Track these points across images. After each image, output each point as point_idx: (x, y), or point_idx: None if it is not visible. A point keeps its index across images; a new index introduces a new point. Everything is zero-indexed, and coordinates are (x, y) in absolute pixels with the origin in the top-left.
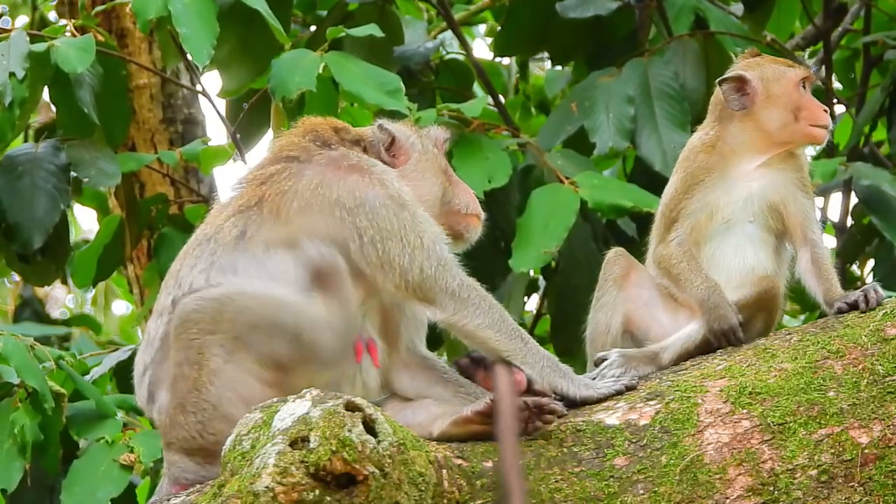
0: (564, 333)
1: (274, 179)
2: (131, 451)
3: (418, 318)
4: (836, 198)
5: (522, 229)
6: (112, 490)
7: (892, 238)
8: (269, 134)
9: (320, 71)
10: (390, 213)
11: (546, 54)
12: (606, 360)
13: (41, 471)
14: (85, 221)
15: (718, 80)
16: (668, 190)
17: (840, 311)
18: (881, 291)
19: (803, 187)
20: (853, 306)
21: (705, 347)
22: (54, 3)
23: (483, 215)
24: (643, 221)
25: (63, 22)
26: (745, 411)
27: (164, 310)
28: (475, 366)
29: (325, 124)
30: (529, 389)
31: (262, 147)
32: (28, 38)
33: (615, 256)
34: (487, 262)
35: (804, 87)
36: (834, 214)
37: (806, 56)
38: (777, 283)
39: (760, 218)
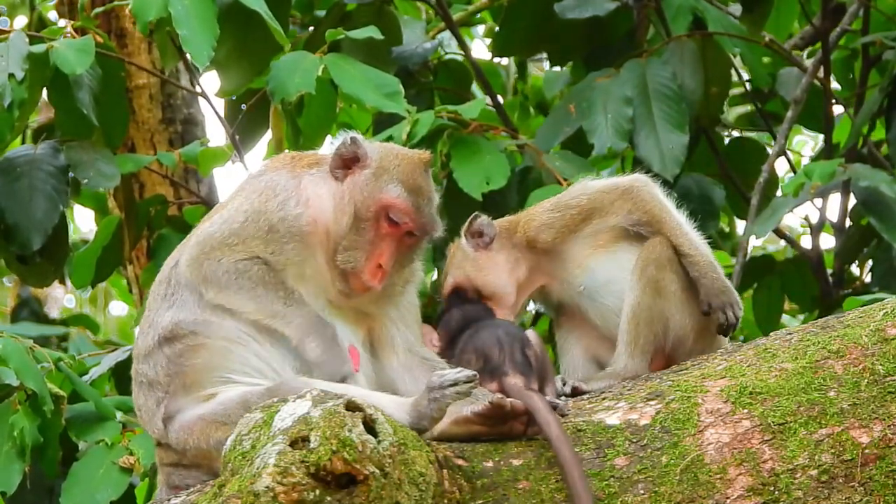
0: None
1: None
2: (130, 454)
3: (410, 320)
4: (835, 199)
5: None
6: (111, 492)
7: (891, 239)
8: (268, 135)
9: (319, 73)
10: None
11: (544, 55)
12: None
13: (40, 473)
14: (84, 222)
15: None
16: None
17: None
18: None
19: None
20: None
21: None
22: (53, 2)
23: (363, 288)
24: None
25: (62, 23)
26: (745, 411)
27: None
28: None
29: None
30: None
31: (261, 148)
32: (27, 40)
33: None
34: None
35: None
36: (833, 215)
37: (804, 56)
38: (653, 243)
39: (586, 269)
